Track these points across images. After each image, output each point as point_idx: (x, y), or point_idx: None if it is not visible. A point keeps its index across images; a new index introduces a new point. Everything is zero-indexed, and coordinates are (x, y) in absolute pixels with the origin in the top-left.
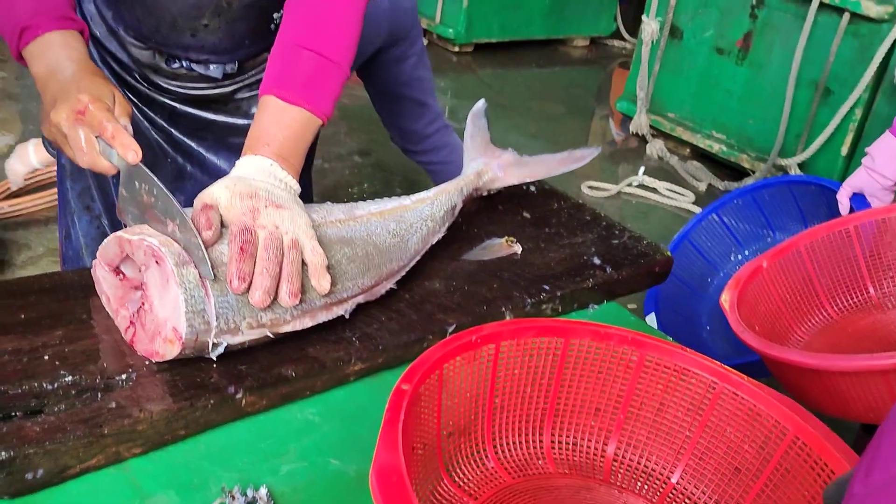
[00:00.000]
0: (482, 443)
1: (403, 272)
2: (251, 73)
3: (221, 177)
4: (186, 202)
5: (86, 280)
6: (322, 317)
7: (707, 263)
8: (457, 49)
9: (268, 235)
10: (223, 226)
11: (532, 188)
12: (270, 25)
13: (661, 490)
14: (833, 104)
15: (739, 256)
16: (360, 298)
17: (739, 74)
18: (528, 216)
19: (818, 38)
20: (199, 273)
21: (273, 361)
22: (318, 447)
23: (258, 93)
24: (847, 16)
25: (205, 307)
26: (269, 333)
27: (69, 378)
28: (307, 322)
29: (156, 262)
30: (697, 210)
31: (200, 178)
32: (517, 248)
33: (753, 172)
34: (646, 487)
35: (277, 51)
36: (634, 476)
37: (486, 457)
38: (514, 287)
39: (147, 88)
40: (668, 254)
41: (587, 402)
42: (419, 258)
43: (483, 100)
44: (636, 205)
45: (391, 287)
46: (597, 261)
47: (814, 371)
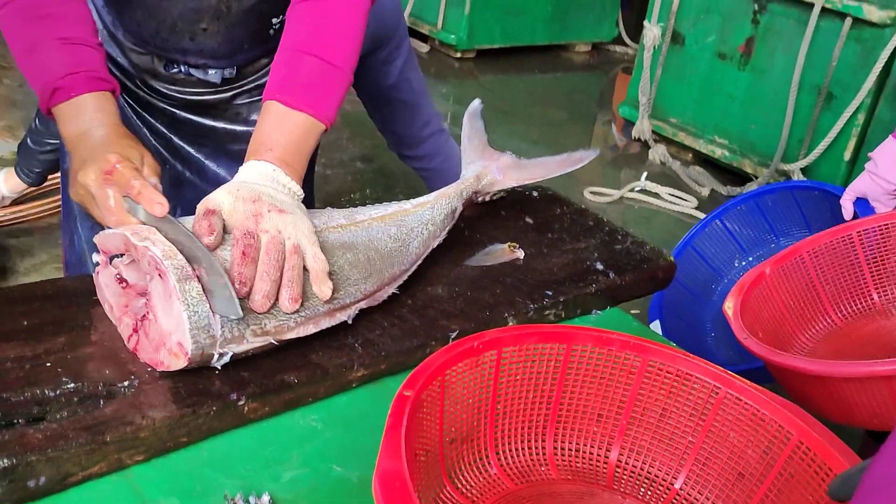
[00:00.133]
0: (485, 449)
1: (405, 276)
2: (250, 79)
3: (220, 184)
4: (185, 209)
5: (88, 286)
6: (325, 323)
7: (711, 270)
8: (459, 55)
9: (270, 240)
10: (226, 231)
11: (534, 193)
12: (269, 30)
13: (665, 496)
14: (836, 109)
15: (743, 262)
16: (363, 304)
17: (742, 79)
18: (531, 221)
19: (820, 43)
20: (228, 314)
21: (275, 368)
22: (321, 454)
23: (261, 98)
24: (849, 21)
25: (209, 322)
26: (274, 341)
27: (71, 385)
28: (311, 328)
29: (158, 275)
30: (700, 215)
31: (199, 185)
32: (520, 254)
33: (756, 177)
34: (649, 493)
35: (280, 56)
36: (637, 482)
37: (489, 463)
38: (517, 293)
39: (146, 94)
40: (671, 259)
41: (590, 408)
42: (421, 262)
43: (479, 100)
44: (639, 210)
45: (393, 292)
46: (600, 266)
47: (818, 377)
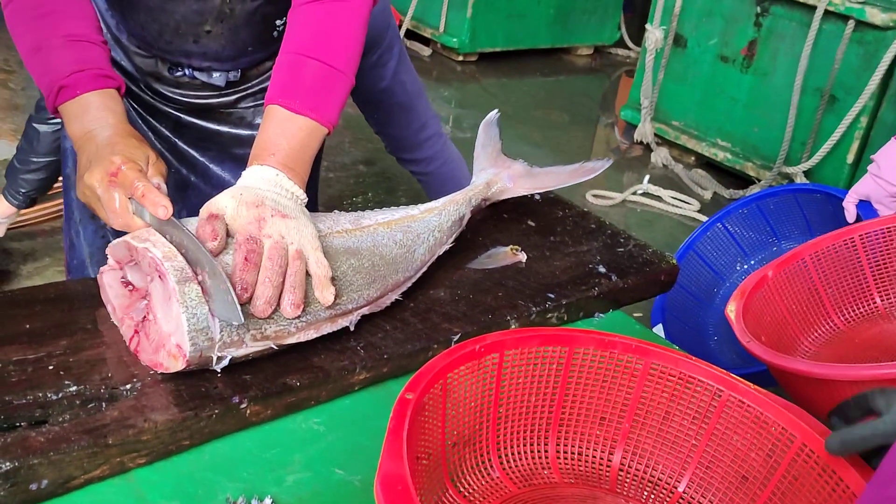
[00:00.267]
0: (487, 453)
1: (409, 283)
2: (254, 82)
3: (224, 188)
4: (189, 212)
5: (90, 290)
6: (326, 328)
7: (713, 273)
8: (461, 58)
9: (272, 245)
10: (229, 235)
11: (537, 196)
12: (273, 33)
13: (668, 499)
14: (838, 112)
15: (745, 266)
16: (365, 310)
17: (744, 82)
18: (533, 224)
19: (823, 46)
20: (230, 320)
21: (277, 371)
22: (323, 457)
23: (263, 102)
24: (852, 23)
25: (208, 324)
26: (274, 345)
27: (74, 388)
28: (312, 334)
29: (159, 277)
30: (702, 218)
31: (203, 189)
32: (522, 257)
33: (759, 180)
34: (652, 497)
35: (282, 60)
36: (641, 485)
37: (491, 467)
38: (520, 296)
39: (151, 97)
40: (674, 262)
41: (592, 411)
42: (425, 269)
43: (496, 110)
44: (641, 213)
45: (397, 298)
46: (602, 269)
47: (821, 381)
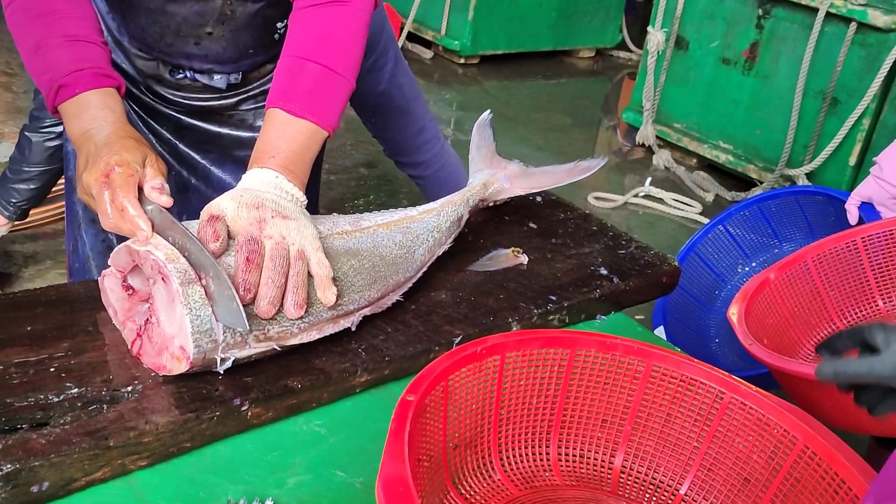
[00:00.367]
0: (488, 455)
1: (410, 284)
2: (255, 85)
3: (225, 190)
4: (190, 215)
5: (92, 292)
6: (329, 329)
7: (714, 275)
8: (462, 61)
9: (274, 246)
10: (230, 237)
11: (538, 199)
12: (274, 35)
13: (670, 502)
14: (840, 114)
15: (746, 268)
16: (367, 311)
17: (746, 85)
18: (535, 227)
19: (825, 48)
20: (235, 326)
21: (279, 373)
22: (324, 459)
23: (264, 105)
24: (854, 26)
25: (212, 326)
26: (277, 346)
27: (75, 390)
28: (314, 335)
29: (162, 279)
30: (704, 221)
31: (204, 192)
32: (523, 259)
33: (761, 183)
34: (654, 499)
35: (283, 63)
36: (642, 488)
37: (493, 469)
38: (521, 298)
39: (152, 100)
40: (676, 264)
41: (594, 414)
42: (426, 269)
43: (489, 111)
44: (643, 215)
45: (398, 299)
46: (604, 271)
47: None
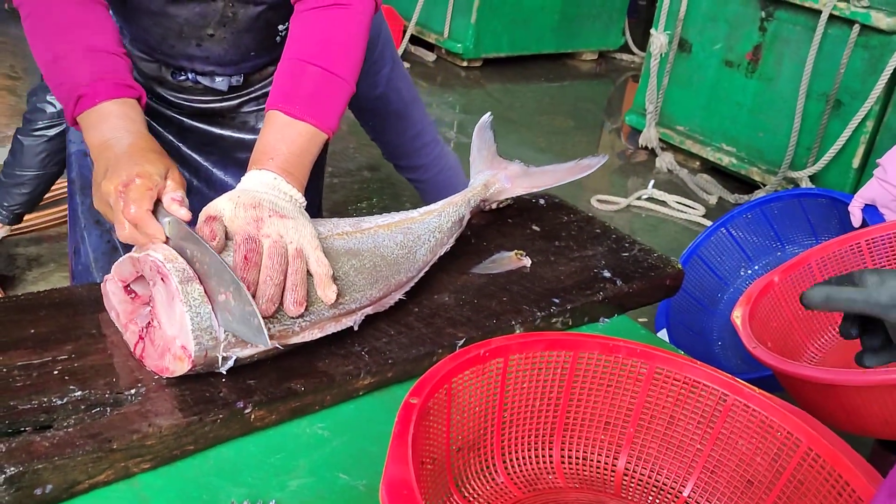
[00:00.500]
0: (491, 458)
1: (412, 283)
2: (257, 87)
3: (227, 192)
4: (192, 218)
5: (95, 295)
6: (330, 328)
7: (717, 278)
8: (465, 64)
9: (272, 244)
10: (228, 237)
11: (541, 201)
12: (276, 38)
13: None
14: (844, 116)
15: (749, 271)
16: (369, 310)
17: (749, 87)
18: (538, 229)
19: (828, 51)
20: (257, 342)
21: (282, 376)
22: (328, 462)
23: (264, 107)
24: (857, 28)
25: (212, 323)
26: (278, 345)
27: (78, 393)
28: (316, 333)
29: (161, 279)
30: (707, 223)
31: (206, 194)
32: (526, 262)
33: (764, 185)
34: (657, 502)
35: (283, 66)
36: (645, 490)
37: (496, 472)
38: (524, 301)
39: (154, 102)
40: (679, 266)
41: (597, 416)
42: (427, 270)
43: (489, 113)
44: (646, 218)
45: (400, 299)
46: (607, 274)
47: (829, 386)
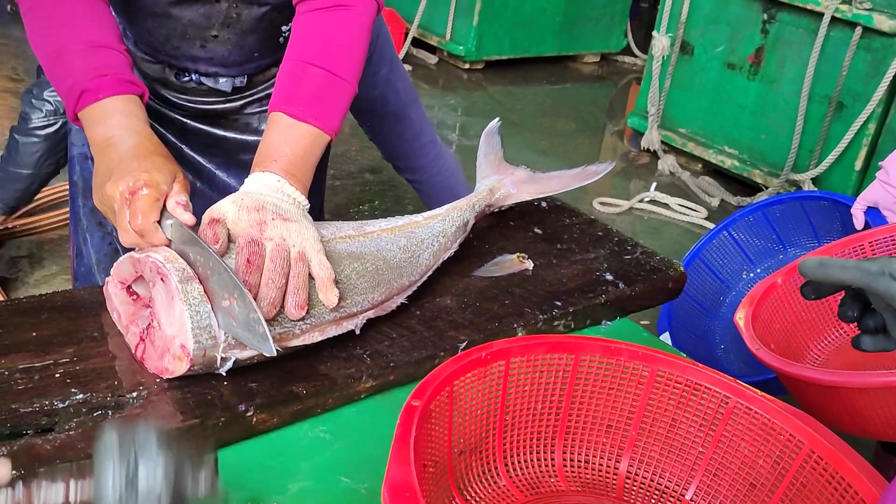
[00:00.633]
0: (493, 461)
1: (414, 287)
2: (260, 88)
3: (230, 193)
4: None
5: (97, 298)
6: (331, 331)
7: (719, 281)
8: (467, 66)
9: (274, 247)
10: (231, 240)
11: (543, 204)
12: (279, 39)
13: None
14: (846, 118)
15: (751, 274)
16: (371, 313)
17: (751, 89)
18: (540, 232)
19: (830, 53)
20: (262, 350)
21: (284, 379)
22: (329, 465)
23: (267, 109)
24: (859, 30)
25: (211, 322)
26: (278, 348)
27: (80, 396)
28: (316, 336)
29: (161, 279)
30: (710, 226)
31: (209, 195)
32: (529, 265)
33: (766, 187)
34: None
35: (286, 67)
36: (648, 493)
37: (498, 475)
38: (526, 303)
39: (157, 104)
40: (681, 269)
41: (599, 419)
42: (430, 274)
43: (497, 119)
44: (648, 221)
45: (402, 302)
46: (609, 277)
47: (832, 388)
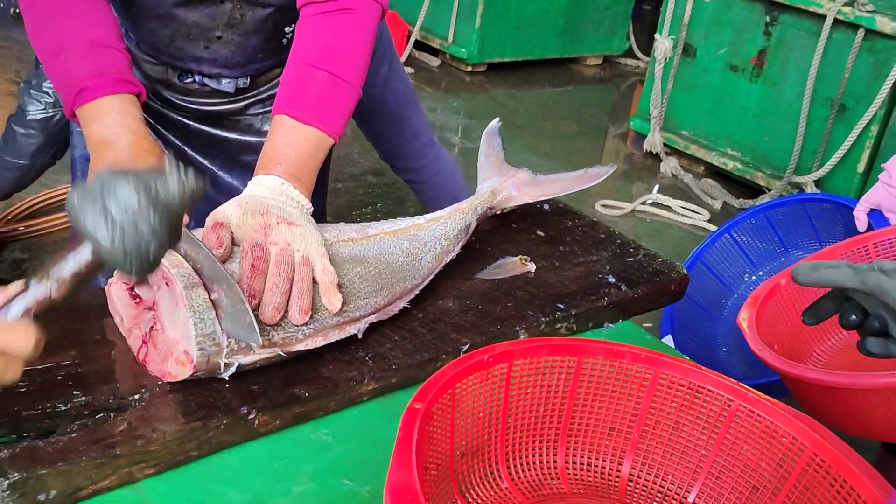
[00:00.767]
0: (495, 463)
1: (417, 291)
2: (263, 89)
3: (233, 195)
4: (197, 221)
5: (99, 300)
6: (334, 336)
7: (721, 284)
8: (470, 69)
9: (279, 252)
10: (235, 244)
11: (545, 206)
12: (282, 40)
13: None
14: (849, 121)
15: (753, 277)
16: (373, 317)
17: (754, 92)
18: (542, 234)
19: (833, 55)
20: (249, 342)
21: (286, 381)
22: (331, 468)
23: (271, 112)
24: (862, 32)
25: (215, 329)
26: (282, 353)
27: (82, 398)
28: (319, 341)
29: (165, 284)
30: (712, 228)
31: (212, 197)
32: (531, 267)
33: (769, 190)
34: None
35: (290, 70)
36: (650, 496)
37: (500, 477)
38: (529, 306)
39: (159, 105)
40: (684, 272)
41: (601, 422)
42: (433, 277)
43: (497, 119)
44: (650, 223)
45: (405, 306)
46: (612, 279)
47: (836, 389)
